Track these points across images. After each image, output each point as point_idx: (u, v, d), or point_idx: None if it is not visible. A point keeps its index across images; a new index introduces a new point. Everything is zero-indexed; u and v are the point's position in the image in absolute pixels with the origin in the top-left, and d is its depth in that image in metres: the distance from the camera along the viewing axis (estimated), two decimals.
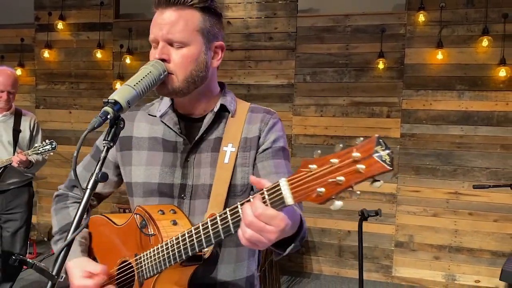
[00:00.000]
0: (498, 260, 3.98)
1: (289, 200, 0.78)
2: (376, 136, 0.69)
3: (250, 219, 0.81)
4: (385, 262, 4.33)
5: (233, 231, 0.89)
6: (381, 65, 4.16)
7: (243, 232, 0.83)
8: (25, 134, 3.30)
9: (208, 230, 0.93)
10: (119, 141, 1.23)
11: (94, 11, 4.99)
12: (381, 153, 0.67)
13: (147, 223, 1.05)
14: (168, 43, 1.07)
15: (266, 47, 4.53)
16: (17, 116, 3.30)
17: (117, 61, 4.93)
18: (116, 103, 0.92)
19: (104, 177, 0.90)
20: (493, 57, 3.97)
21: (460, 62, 4.06)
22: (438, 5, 4.04)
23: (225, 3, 4.57)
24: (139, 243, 1.08)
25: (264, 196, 0.81)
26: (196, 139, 1.16)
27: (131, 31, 4.86)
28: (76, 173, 0.89)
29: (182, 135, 1.17)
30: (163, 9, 1.08)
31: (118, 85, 4.77)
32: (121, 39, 4.91)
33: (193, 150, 1.16)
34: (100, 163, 0.91)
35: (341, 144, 0.73)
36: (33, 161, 3.14)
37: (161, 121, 1.19)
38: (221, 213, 0.91)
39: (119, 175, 1.27)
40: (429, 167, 4.19)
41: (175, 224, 1.04)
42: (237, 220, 0.87)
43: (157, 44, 1.08)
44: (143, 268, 1.06)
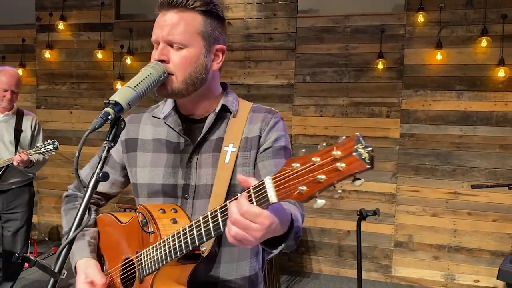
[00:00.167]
0: (497, 259, 3.98)
1: (273, 198, 0.78)
2: (356, 134, 0.68)
3: (235, 217, 0.82)
4: (384, 261, 4.34)
5: (222, 229, 0.89)
6: (380, 66, 4.17)
7: (228, 229, 0.84)
8: (26, 134, 3.32)
9: (200, 228, 0.94)
10: (126, 143, 1.25)
11: (94, 12, 5.01)
12: (360, 151, 0.66)
13: (148, 221, 1.07)
14: (168, 44, 1.09)
15: (266, 48, 4.54)
16: (19, 116, 3.33)
17: (117, 62, 4.94)
18: (117, 104, 0.94)
19: (105, 176, 0.91)
20: (492, 57, 3.98)
21: (459, 62, 4.07)
22: (437, 5, 4.05)
23: (225, 4, 4.58)
24: (141, 241, 1.10)
25: (250, 194, 0.82)
26: (198, 140, 1.17)
27: (132, 31, 4.87)
28: (77, 173, 0.90)
29: (184, 136, 1.18)
30: (165, 11, 1.09)
31: (118, 86, 4.79)
32: (121, 40, 4.92)
33: (196, 150, 1.17)
34: (101, 162, 0.93)
35: (324, 142, 0.73)
36: (34, 161, 3.16)
37: (165, 123, 1.21)
38: (212, 211, 0.91)
39: (126, 176, 1.29)
40: (428, 167, 4.20)
41: (175, 222, 1.05)
42: (226, 218, 0.88)
43: (158, 45, 1.10)
44: (143, 265, 1.08)
